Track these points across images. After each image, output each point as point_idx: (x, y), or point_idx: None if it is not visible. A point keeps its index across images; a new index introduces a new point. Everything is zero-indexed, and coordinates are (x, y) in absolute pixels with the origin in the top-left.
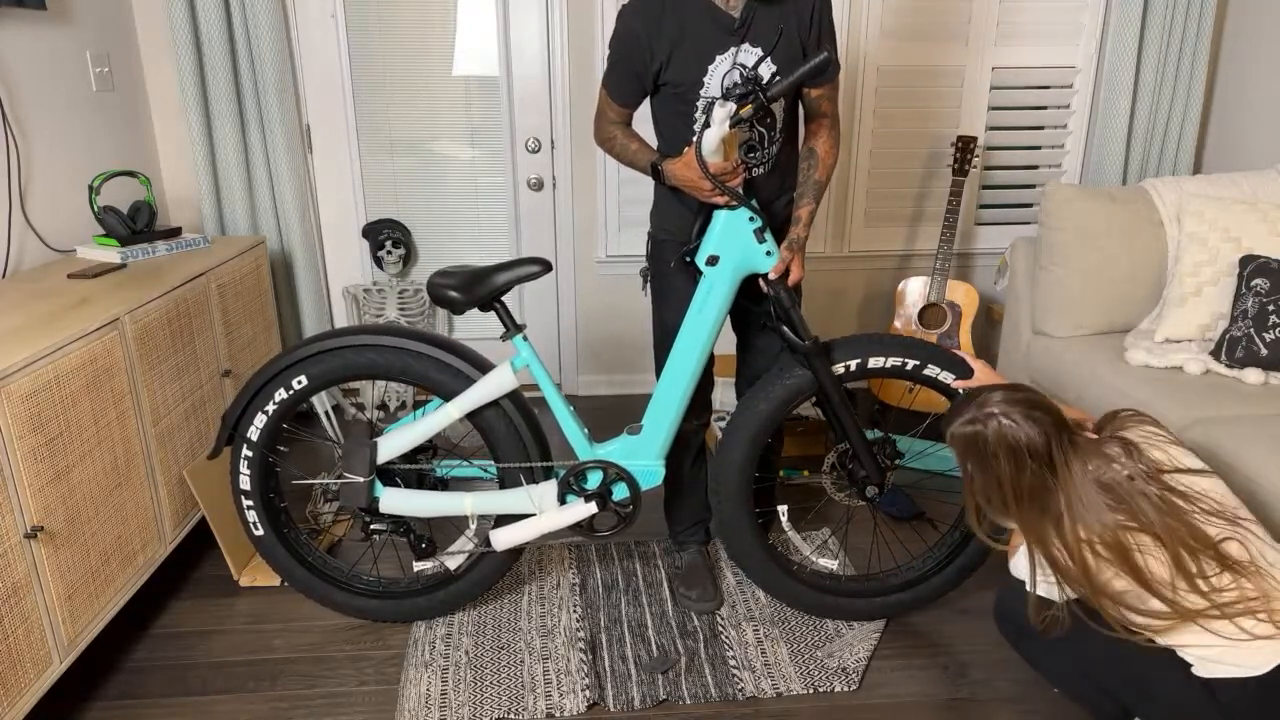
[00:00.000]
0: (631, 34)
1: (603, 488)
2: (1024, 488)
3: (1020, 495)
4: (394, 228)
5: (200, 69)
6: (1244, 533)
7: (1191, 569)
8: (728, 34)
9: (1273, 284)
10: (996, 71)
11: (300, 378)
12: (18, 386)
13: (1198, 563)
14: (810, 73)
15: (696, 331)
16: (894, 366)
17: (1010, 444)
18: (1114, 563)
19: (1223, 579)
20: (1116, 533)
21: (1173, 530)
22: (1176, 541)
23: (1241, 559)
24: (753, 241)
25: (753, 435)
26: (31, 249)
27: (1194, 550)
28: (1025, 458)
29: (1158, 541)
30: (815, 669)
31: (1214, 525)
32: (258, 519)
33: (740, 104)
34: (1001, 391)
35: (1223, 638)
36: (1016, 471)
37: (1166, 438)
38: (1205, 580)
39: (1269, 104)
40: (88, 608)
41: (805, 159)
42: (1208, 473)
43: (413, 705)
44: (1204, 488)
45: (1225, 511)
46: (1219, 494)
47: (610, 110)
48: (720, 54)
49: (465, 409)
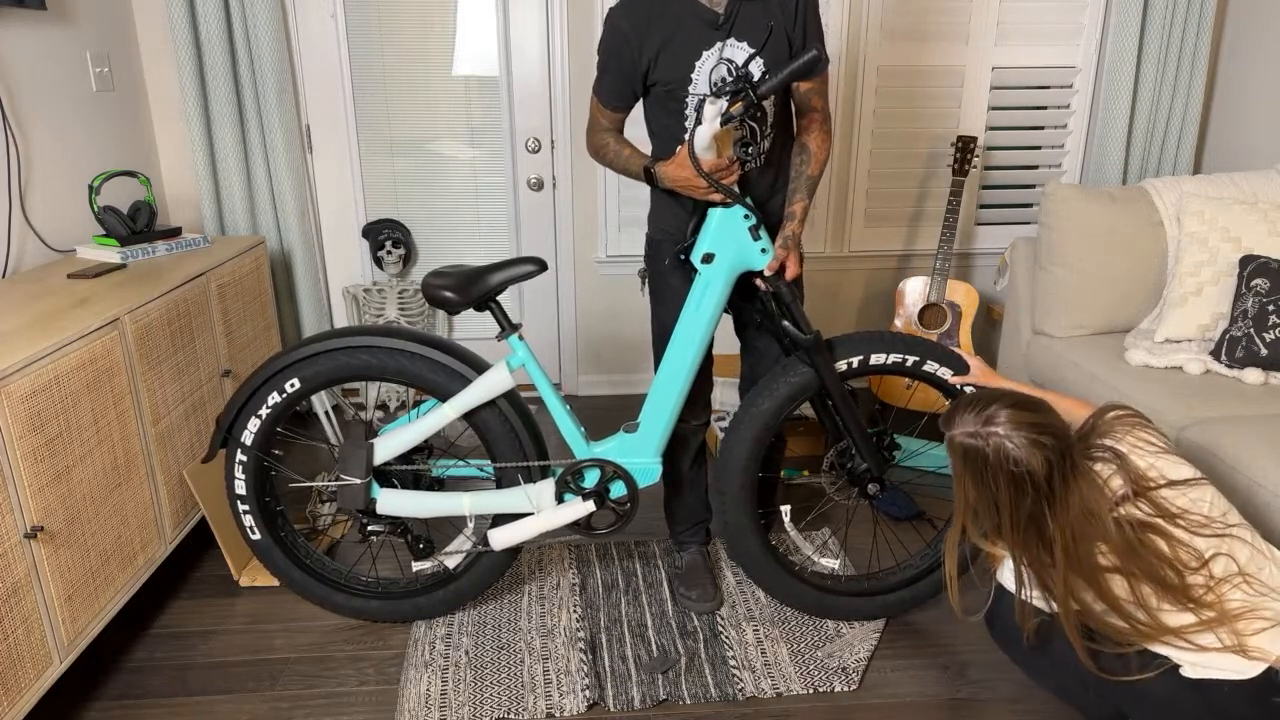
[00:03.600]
0: (619, 34)
1: (600, 486)
2: (1022, 515)
3: (1017, 522)
4: (394, 228)
5: (200, 69)
6: (1232, 543)
7: (1174, 590)
8: (713, 29)
9: (1273, 284)
10: (996, 71)
11: (293, 380)
12: (18, 386)
13: (1181, 585)
14: (800, 70)
15: (692, 329)
16: (895, 363)
17: (1011, 470)
18: (1090, 588)
19: (1204, 597)
20: (1096, 561)
21: (1144, 565)
22: (1155, 573)
23: (1228, 574)
24: (748, 239)
25: (756, 434)
26: (31, 249)
27: (1178, 574)
28: (1026, 485)
29: (1134, 575)
30: (815, 669)
31: (1201, 539)
32: (254, 523)
33: (731, 101)
34: (1009, 409)
35: (1201, 648)
36: (1016, 497)
37: (1157, 447)
38: (1186, 600)
39: (1269, 104)
40: (88, 608)
41: (797, 154)
42: (1198, 481)
43: (413, 705)
44: (1193, 498)
45: (1213, 524)
46: (1208, 503)
47: (602, 118)
48: (706, 50)
49: (462, 409)
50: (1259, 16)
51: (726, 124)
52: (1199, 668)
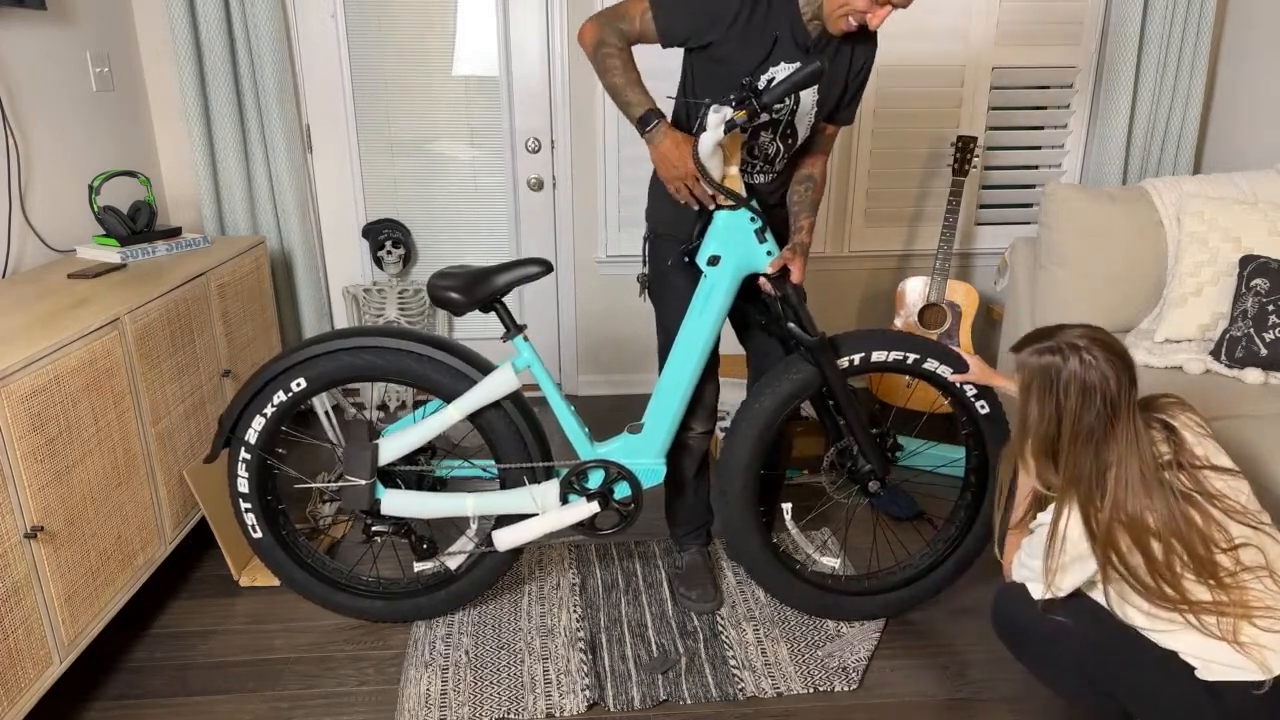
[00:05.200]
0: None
1: (604, 487)
2: (1084, 427)
3: (1078, 434)
4: (394, 228)
5: (200, 69)
6: (1263, 538)
7: (1201, 561)
8: (796, 48)
9: (1273, 284)
10: (996, 71)
11: (299, 380)
12: (18, 386)
13: (1208, 559)
14: (804, 80)
15: (697, 331)
16: (896, 360)
17: (1085, 380)
18: (1131, 536)
19: (1230, 579)
20: (1142, 516)
21: (1186, 529)
22: (1186, 539)
23: (1254, 564)
24: (753, 241)
25: (758, 433)
26: (31, 249)
27: (1206, 548)
28: (1096, 397)
29: (1165, 535)
30: (815, 669)
31: (1234, 526)
32: (256, 522)
33: (736, 108)
34: (1082, 328)
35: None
36: (1083, 408)
37: (1205, 430)
38: (1213, 578)
39: (1269, 104)
40: (88, 608)
41: (802, 182)
42: (1237, 473)
43: (413, 705)
44: (1233, 487)
45: (1248, 513)
46: (1246, 494)
47: (632, 26)
48: (784, 63)
49: (467, 410)
50: (1259, 17)
51: (730, 130)
52: (1212, 666)
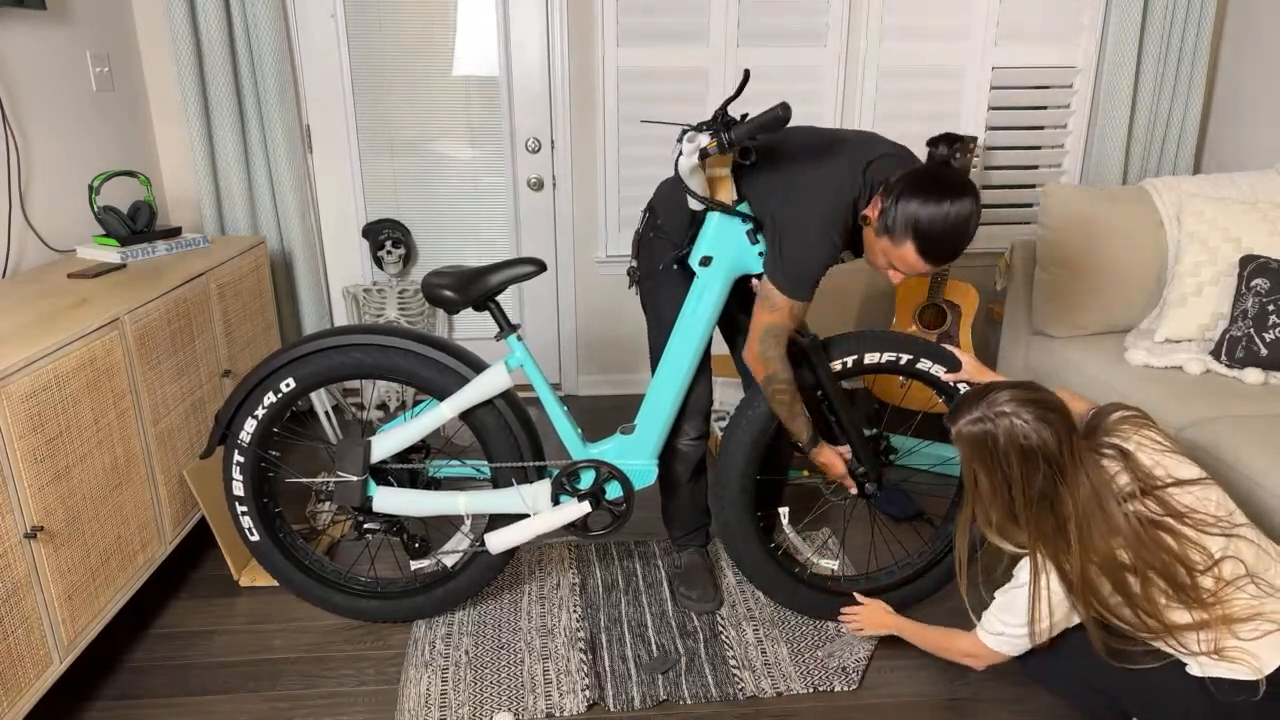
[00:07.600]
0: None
1: (596, 487)
2: (1035, 492)
3: (1030, 499)
4: (394, 228)
5: (200, 69)
6: (1239, 543)
7: (1185, 589)
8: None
9: (1273, 284)
10: (996, 71)
11: (288, 380)
12: (18, 386)
13: (1191, 585)
14: (769, 122)
15: (690, 332)
16: (889, 362)
17: (1022, 445)
18: (1105, 576)
19: (1213, 599)
20: (1113, 555)
21: (1157, 560)
22: (1166, 570)
23: (1236, 576)
24: (746, 242)
25: (753, 437)
26: (31, 249)
27: (1189, 574)
28: (1038, 460)
29: (1148, 572)
30: (815, 669)
31: (1210, 538)
32: (253, 524)
33: (710, 137)
34: (1009, 390)
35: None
36: (1028, 473)
37: (1163, 446)
38: (1197, 602)
39: (1269, 104)
40: (88, 608)
41: None
42: (1204, 481)
43: (413, 705)
44: (1199, 497)
45: (1220, 522)
46: (1214, 501)
47: (790, 325)
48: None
49: (459, 408)
50: (1259, 17)
51: (703, 160)
52: (1207, 664)
